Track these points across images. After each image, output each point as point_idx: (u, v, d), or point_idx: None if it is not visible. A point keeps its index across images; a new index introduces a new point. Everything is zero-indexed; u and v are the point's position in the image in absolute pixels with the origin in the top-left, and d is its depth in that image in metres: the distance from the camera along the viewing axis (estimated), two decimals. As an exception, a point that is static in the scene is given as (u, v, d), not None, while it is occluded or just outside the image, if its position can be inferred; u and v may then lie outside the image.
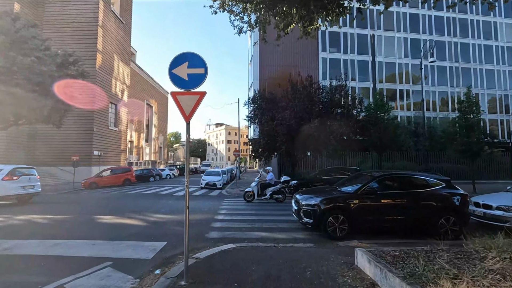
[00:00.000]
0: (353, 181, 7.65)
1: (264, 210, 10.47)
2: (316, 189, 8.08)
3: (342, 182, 8.16)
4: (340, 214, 6.46)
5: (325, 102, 16.45)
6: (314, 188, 8.29)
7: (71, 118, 29.72)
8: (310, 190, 7.96)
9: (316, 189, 7.96)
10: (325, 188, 7.90)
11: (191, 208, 10.61)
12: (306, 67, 31.15)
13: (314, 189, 8.20)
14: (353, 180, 7.87)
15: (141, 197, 14.40)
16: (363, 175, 7.64)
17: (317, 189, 7.92)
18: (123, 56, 38.50)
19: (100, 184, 21.79)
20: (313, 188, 8.35)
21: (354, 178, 7.94)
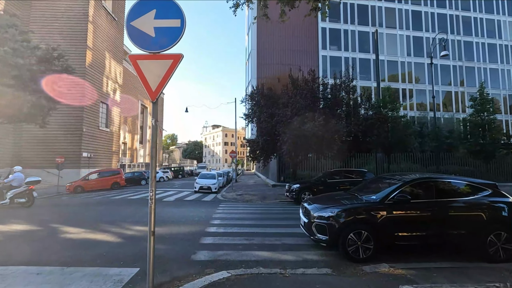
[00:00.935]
0: (375, 187, 6.26)
1: (265, 219, 9.03)
2: (328, 196, 6.65)
3: (359, 188, 6.76)
4: (363, 229, 5.06)
5: (329, 99, 15.11)
6: (327, 196, 6.84)
7: (58, 118, 28.19)
8: (322, 198, 6.53)
9: (329, 197, 6.53)
10: (340, 195, 6.49)
11: (177, 218, 9.06)
12: (305, 65, 29.85)
13: (326, 196, 6.76)
14: (373, 185, 6.48)
15: (126, 203, 12.90)
16: (386, 179, 6.25)
17: (330, 197, 6.50)
18: (116, 54, 37.00)
19: (86, 188, 20.24)
20: (325, 196, 6.89)
21: (375, 183, 6.55)
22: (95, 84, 31.33)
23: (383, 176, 6.82)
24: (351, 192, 6.50)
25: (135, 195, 16.12)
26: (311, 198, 6.56)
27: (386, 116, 14.11)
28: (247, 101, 15.97)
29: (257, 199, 14.92)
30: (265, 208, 11.78)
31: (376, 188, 6.10)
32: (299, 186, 13.17)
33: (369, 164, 21.72)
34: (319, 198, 6.58)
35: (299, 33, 31.74)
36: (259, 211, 10.78)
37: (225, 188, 21.48)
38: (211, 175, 20.11)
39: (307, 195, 12.93)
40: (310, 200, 6.35)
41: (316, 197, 6.73)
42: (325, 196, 6.77)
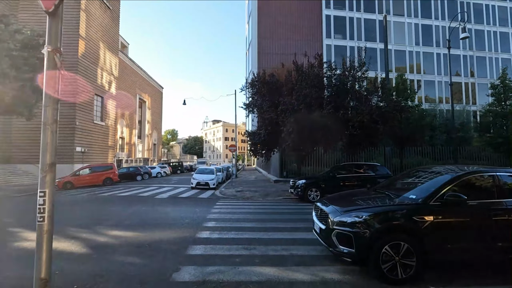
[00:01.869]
0: (409, 183, 4.94)
1: (268, 221, 7.72)
2: (349, 195, 5.31)
3: (387, 185, 5.43)
4: (402, 240, 3.75)
5: (337, 85, 13.71)
6: (347, 194, 5.49)
7: (49, 111, 26.93)
8: (341, 198, 5.19)
9: (349, 196, 5.18)
10: (364, 193, 5.16)
11: (166, 219, 7.38)
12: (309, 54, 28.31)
13: (346, 195, 5.41)
14: (406, 180, 5.15)
15: (113, 200, 11.63)
16: (423, 173, 4.92)
17: (352, 196, 5.16)
18: (111, 44, 35.55)
19: (76, 184, 19.01)
20: (344, 194, 5.54)
21: (408, 178, 5.22)
22: (89, 75, 29.97)
23: (417, 169, 5.48)
24: (377, 189, 5.16)
25: (126, 192, 14.86)
26: (327, 198, 5.22)
27: (401, 104, 12.72)
28: (247, 89, 14.59)
29: (258, 196, 13.65)
30: (267, 206, 10.49)
31: (412, 185, 4.77)
32: (305, 182, 11.86)
33: (376, 159, 20.37)
34: (337, 197, 5.24)
35: (302, 20, 30.15)
36: (260, 210, 9.49)
37: (224, 184, 20.22)
38: (209, 170, 18.84)
39: (314, 192, 11.65)
40: (326, 200, 5.02)
41: (333, 197, 5.39)
42: (345, 195, 5.43)
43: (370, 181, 11.92)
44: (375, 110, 12.11)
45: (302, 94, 12.26)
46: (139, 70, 50.66)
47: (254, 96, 14.51)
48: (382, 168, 12.58)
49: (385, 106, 11.87)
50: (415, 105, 14.37)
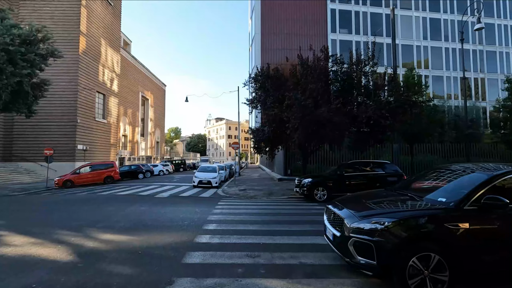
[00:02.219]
0: (435, 183, 4.36)
1: (273, 223, 7.19)
2: (365, 197, 4.72)
3: (406, 185, 4.85)
4: (432, 250, 3.19)
5: (344, 80, 13.09)
6: (362, 196, 4.90)
7: (51, 108, 26.59)
8: (356, 199, 4.62)
9: (366, 197, 4.60)
10: (383, 194, 4.59)
11: (164, 221, 6.75)
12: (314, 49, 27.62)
13: (362, 196, 4.82)
14: (430, 180, 4.57)
15: (110, 200, 11.18)
16: (450, 171, 4.34)
17: (367, 197, 4.59)
18: (112, 41, 35.14)
19: (76, 182, 18.65)
20: (359, 196, 4.97)
21: (432, 177, 4.63)
22: (90, 72, 29.62)
23: (439, 167, 4.90)
24: (396, 190, 4.59)
25: (125, 191, 14.43)
26: (340, 200, 4.65)
27: (412, 99, 12.06)
28: (251, 84, 14.02)
29: (262, 195, 13.13)
30: (272, 206, 9.96)
31: (436, 185, 4.20)
32: (311, 181, 11.29)
33: (383, 157, 19.74)
34: (352, 199, 4.67)
35: (307, 15, 29.37)
36: (265, 210, 8.96)
37: (227, 183, 19.74)
38: (212, 168, 18.35)
39: (321, 191, 11.09)
40: (339, 202, 4.46)
41: (346, 198, 4.82)
42: (360, 196, 4.85)
43: (379, 180, 11.36)
44: (385, 105, 11.48)
45: (308, 89, 11.68)
46: (141, 68, 50.29)
47: (258, 91, 13.94)
48: (392, 166, 11.97)
49: (395, 101, 11.25)
50: (427, 99, 13.72)
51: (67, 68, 27.35)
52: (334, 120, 11.36)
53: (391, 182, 11.36)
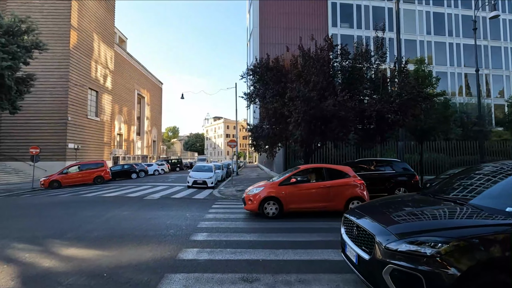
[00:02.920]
0: (480, 186, 3.33)
1: (275, 231, 6.17)
2: (392, 202, 3.68)
3: (442, 188, 3.82)
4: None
5: (350, 71, 12.08)
6: (389, 201, 3.86)
7: (40, 105, 25.47)
8: (383, 206, 3.56)
9: (395, 203, 3.56)
10: (416, 200, 3.56)
11: (146, 229, 5.46)
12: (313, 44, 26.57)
13: (390, 202, 3.77)
14: (470, 182, 3.54)
15: (94, 203, 10.12)
16: (495, 171, 3.33)
17: (397, 203, 3.56)
18: (105, 37, 33.97)
19: (64, 183, 17.57)
20: (386, 201, 3.92)
21: (470, 178, 3.61)
22: (82, 68, 28.47)
23: (480, 166, 3.88)
24: (433, 194, 3.56)
25: (114, 192, 13.37)
26: (362, 208, 3.62)
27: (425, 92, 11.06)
28: (249, 76, 12.99)
29: (261, 196, 12.10)
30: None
31: (493, 189, 3.17)
32: (316, 181, 10.28)
33: (387, 155, 18.78)
34: (378, 207, 3.62)
35: (307, 8, 28.34)
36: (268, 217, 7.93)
37: (224, 183, 18.73)
38: (208, 167, 17.33)
39: (326, 192, 10.08)
40: (361, 211, 3.43)
41: (370, 206, 3.78)
42: (388, 203, 3.78)
43: (389, 180, 10.38)
44: (395, 98, 10.46)
45: (312, 81, 10.64)
46: (137, 65, 49.12)
47: (256, 84, 12.90)
48: (401, 164, 11.00)
49: (406, 94, 10.25)
50: (439, 93, 12.69)
51: (57, 63, 26.24)
52: (340, 114, 10.33)
53: (402, 182, 10.41)
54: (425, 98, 10.72)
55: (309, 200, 7.44)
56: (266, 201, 7.35)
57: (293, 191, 7.42)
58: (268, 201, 7.35)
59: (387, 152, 19.47)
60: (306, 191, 7.53)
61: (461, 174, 3.92)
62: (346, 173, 7.88)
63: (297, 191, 7.45)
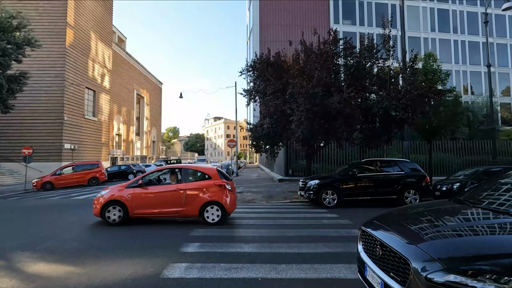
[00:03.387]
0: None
1: (277, 240, 5.52)
2: (425, 211, 3.02)
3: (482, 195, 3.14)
4: None
5: (355, 66, 11.42)
6: (421, 210, 3.18)
7: (35, 104, 24.89)
8: (417, 218, 2.87)
9: (428, 214, 2.90)
10: (453, 210, 2.89)
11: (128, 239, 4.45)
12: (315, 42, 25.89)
13: (421, 211, 3.09)
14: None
15: (82, 206, 9.47)
16: None
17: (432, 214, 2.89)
18: (103, 35, 33.40)
19: (57, 185, 16.95)
20: (417, 210, 3.24)
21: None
22: (78, 67, 27.88)
23: None
24: (472, 203, 2.89)
25: (107, 194, 12.72)
26: (383, 218, 2.94)
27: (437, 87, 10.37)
28: (248, 72, 12.34)
29: (261, 198, 11.47)
30: (273, 214, 8.29)
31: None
32: (319, 183, 9.62)
33: (390, 156, 18.12)
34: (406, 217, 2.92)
35: (307, 5, 27.69)
36: (264, 220, 7.29)
37: (223, 184, 18.05)
38: (205, 168, 16.65)
39: (330, 194, 9.43)
40: (382, 222, 2.75)
41: (397, 215, 3.09)
42: (418, 212, 3.06)
43: (399, 182, 9.70)
44: (405, 94, 9.79)
45: (316, 76, 9.98)
46: (136, 65, 48.55)
47: (256, 80, 12.24)
48: (411, 165, 10.30)
49: (416, 89, 9.58)
50: (449, 89, 11.95)
51: (53, 62, 25.67)
52: (345, 111, 9.69)
53: (411, 183, 9.71)
54: (436, 93, 10.03)
55: (158, 204, 6.54)
56: (109, 206, 6.42)
57: (140, 194, 6.53)
58: (112, 205, 6.43)
59: (391, 153, 18.81)
60: (156, 194, 6.61)
61: (492, 182, 3.24)
62: (209, 175, 6.82)
63: (146, 194, 6.57)
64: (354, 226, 6.47)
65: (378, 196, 9.61)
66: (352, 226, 6.51)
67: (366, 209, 9.05)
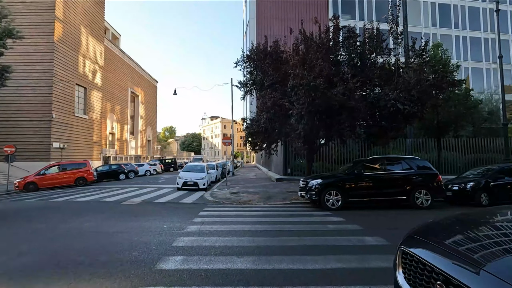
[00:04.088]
0: None
1: (275, 252, 4.62)
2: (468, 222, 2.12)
3: None
4: None
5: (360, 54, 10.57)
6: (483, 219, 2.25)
7: (22, 101, 23.79)
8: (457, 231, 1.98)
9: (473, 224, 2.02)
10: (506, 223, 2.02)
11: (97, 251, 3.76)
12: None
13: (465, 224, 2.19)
14: None
15: (56, 210, 8.51)
16: None
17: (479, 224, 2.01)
18: (94, 30, 32.24)
19: (41, 185, 15.91)
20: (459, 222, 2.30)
21: None
22: (68, 62, 26.76)
23: None
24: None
25: (90, 196, 11.74)
26: (432, 231, 2.04)
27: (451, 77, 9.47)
28: (244, 63, 11.40)
29: (258, 199, 10.58)
30: (271, 217, 7.39)
31: None
32: (321, 182, 8.74)
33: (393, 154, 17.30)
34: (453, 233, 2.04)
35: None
36: (261, 226, 6.39)
37: (218, 184, 17.14)
38: (200, 167, 15.73)
39: (334, 195, 8.55)
40: (434, 239, 1.85)
41: (439, 228, 2.19)
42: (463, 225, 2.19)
43: (409, 181, 8.85)
44: (415, 84, 8.91)
45: (318, 66, 9.10)
46: (130, 62, 47.37)
47: (254, 71, 11.31)
48: (422, 162, 9.44)
49: (428, 79, 8.72)
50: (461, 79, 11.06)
51: (41, 57, 24.55)
52: (349, 105, 8.82)
53: (422, 183, 8.84)
54: (451, 84, 9.18)
55: None
56: None
57: None
58: None
59: (393, 151, 17.96)
60: None
61: None
62: None
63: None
64: (366, 233, 5.59)
65: (386, 197, 8.75)
66: (363, 232, 5.63)
67: (373, 211, 8.20)
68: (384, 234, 5.40)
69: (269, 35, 26.73)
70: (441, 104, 10.13)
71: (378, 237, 5.22)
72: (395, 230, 5.81)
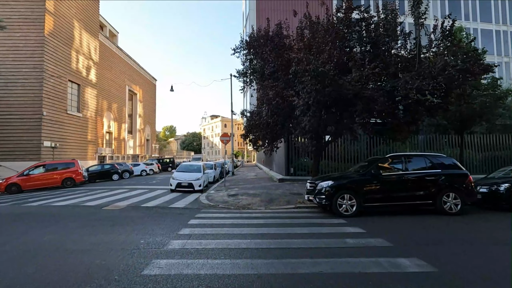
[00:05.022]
0: None
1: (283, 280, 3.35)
2: None
3: None
4: None
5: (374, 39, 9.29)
6: None
7: (10, 98, 22.61)
8: None
9: None
10: None
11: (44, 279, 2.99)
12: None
13: None
14: None
15: (24, 217, 7.26)
16: None
17: None
18: (88, 25, 30.99)
19: (25, 187, 14.70)
20: None
21: None
22: (59, 58, 25.51)
23: None
24: None
25: (70, 199, 10.51)
26: None
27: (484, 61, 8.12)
28: (243, 50, 10.14)
29: (259, 203, 9.34)
30: (274, 227, 6.14)
31: None
32: (333, 184, 7.48)
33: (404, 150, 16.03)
34: None
35: (309, -10, 25.50)
36: (263, 238, 5.16)
37: (216, 185, 15.88)
38: (196, 167, 14.48)
39: (347, 200, 7.28)
40: None
41: None
42: None
43: (435, 182, 7.55)
44: (442, 70, 7.62)
45: (327, 51, 7.83)
46: (128, 60, 46.11)
47: (254, 59, 10.04)
48: (448, 160, 8.13)
49: (456, 64, 7.44)
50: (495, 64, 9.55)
51: (30, 51, 23.31)
52: (365, 94, 7.53)
53: (450, 185, 7.52)
54: (484, 69, 7.88)
55: None
56: None
57: None
58: None
59: (402, 149, 16.69)
60: None
61: None
62: None
63: None
64: (397, 251, 4.33)
65: (409, 201, 7.48)
66: (393, 251, 4.37)
67: (394, 218, 6.95)
68: (422, 253, 4.16)
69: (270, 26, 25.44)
70: (469, 93, 8.81)
71: (416, 258, 3.98)
72: (434, 247, 4.56)
